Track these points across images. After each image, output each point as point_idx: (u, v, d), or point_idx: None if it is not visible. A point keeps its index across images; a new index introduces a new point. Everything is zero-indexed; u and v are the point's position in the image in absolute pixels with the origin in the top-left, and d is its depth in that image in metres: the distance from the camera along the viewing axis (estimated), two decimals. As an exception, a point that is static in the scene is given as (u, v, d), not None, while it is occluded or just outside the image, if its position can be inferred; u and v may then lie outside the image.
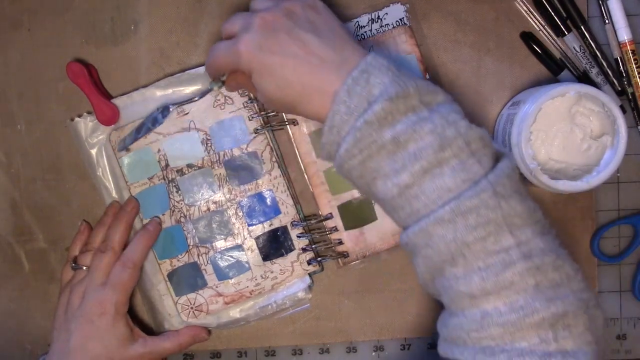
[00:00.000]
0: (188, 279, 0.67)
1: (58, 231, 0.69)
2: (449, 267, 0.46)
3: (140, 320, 0.69)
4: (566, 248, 0.63)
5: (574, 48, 0.66)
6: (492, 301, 0.44)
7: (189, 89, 0.66)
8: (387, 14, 0.65)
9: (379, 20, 0.65)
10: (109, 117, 0.65)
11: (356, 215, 0.66)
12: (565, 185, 0.60)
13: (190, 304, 0.67)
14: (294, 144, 0.66)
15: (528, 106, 0.60)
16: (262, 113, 0.65)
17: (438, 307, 0.68)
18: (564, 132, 0.60)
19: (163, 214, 0.66)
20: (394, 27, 0.65)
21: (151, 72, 0.68)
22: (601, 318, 0.46)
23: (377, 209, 0.66)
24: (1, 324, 0.70)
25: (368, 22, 0.65)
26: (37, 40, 0.68)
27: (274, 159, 0.66)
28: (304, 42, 0.50)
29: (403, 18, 0.66)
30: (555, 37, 0.67)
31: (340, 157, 0.49)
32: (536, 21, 0.67)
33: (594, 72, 0.66)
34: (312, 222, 0.67)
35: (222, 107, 0.65)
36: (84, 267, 0.64)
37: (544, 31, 0.67)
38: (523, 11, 0.67)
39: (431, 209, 0.46)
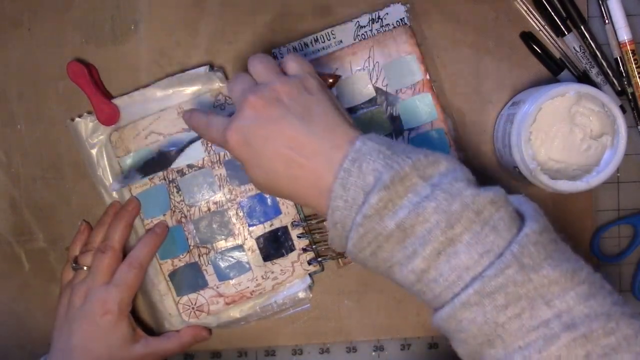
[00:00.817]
0: (189, 279, 0.67)
1: (58, 231, 0.69)
2: (488, 349, 0.42)
3: (140, 320, 0.69)
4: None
5: (574, 48, 0.66)
6: None
7: (189, 89, 0.65)
8: (387, 13, 0.65)
9: (380, 20, 0.65)
10: (110, 117, 0.65)
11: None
12: (565, 185, 0.60)
13: (192, 304, 0.67)
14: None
15: (528, 106, 0.60)
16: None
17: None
18: (563, 132, 0.60)
19: (164, 215, 0.66)
20: (394, 27, 0.65)
21: (151, 71, 0.68)
22: None
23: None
24: (1, 324, 0.70)
25: (368, 22, 0.65)
26: (37, 39, 0.68)
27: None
28: (293, 136, 0.48)
29: (404, 18, 0.66)
30: (555, 37, 0.67)
31: (350, 251, 0.47)
32: (536, 21, 0.67)
33: (594, 72, 0.66)
34: (312, 222, 0.67)
35: (223, 108, 0.65)
36: (85, 267, 0.64)
37: (544, 31, 0.67)
38: (523, 11, 0.67)
39: (453, 292, 0.43)
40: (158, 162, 0.66)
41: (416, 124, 0.65)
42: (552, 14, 0.66)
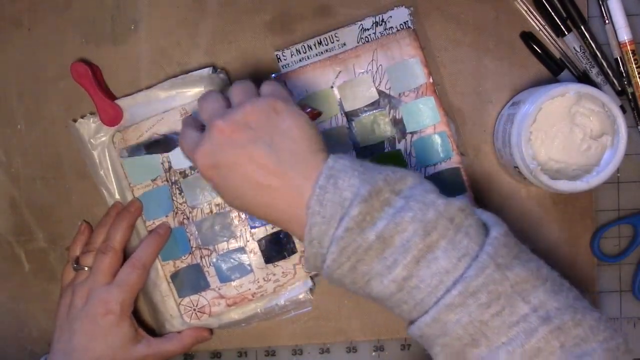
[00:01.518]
0: (191, 280, 0.66)
1: (58, 230, 0.69)
2: (471, 349, 0.45)
3: (141, 321, 0.69)
4: (566, 248, 0.63)
5: (574, 48, 0.66)
6: None
7: (192, 91, 0.65)
8: (391, 17, 0.65)
9: (383, 23, 0.65)
10: (113, 118, 0.65)
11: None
12: (565, 185, 0.60)
13: (193, 305, 0.66)
14: (297, 146, 0.66)
15: (528, 106, 0.60)
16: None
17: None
18: (564, 132, 0.61)
19: (166, 216, 0.66)
20: (398, 30, 0.65)
21: (151, 71, 0.68)
22: None
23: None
24: (1, 324, 0.70)
25: (372, 25, 0.65)
26: (37, 39, 0.68)
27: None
28: (261, 163, 0.49)
29: (407, 21, 0.65)
30: (555, 37, 0.67)
31: (328, 267, 0.48)
32: (536, 21, 0.67)
33: (594, 72, 0.66)
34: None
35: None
36: (86, 268, 0.64)
37: (544, 31, 0.67)
38: (523, 11, 0.67)
39: (436, 296, 0.45)
40: (162, 144, 0.66)
41: (419, 127, 0.65)
42: (552, 14, 0.66)
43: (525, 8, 0.67)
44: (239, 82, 0.55)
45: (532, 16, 0.67)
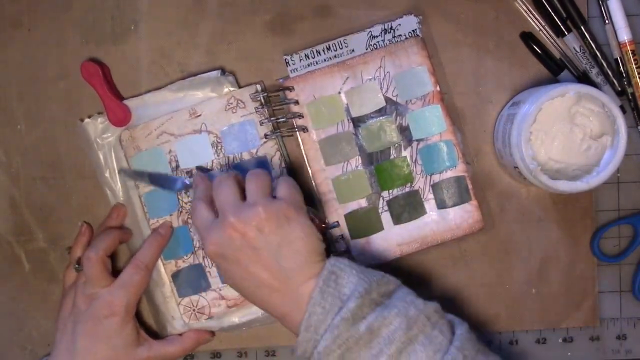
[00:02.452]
0: (192, 280, 0.66)
1: (58, 230, 0.69)
2: None
3: (142, 323, 0.68)
4: (566, 248, 0.64)
5: (574, 48, 0.66)
6: None
7: (200, 93, 0.66)
8: (400, 24, 0.65)
9: (392, 31, 0.65)
10: (121, 119, 0.65)
11: (363, 224, 0.66)
12: (565, 186, 0.60)
13: (193, 305, 0.66)
14: (303, 151, 0.66)
15: (528, 106, 0.60)
16: (273, 118, 0.65)
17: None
18: (563, 132, 0.61)
19: (170, 215, 0.66)
20: (406, 38, 0.65)
21: (152, 71, 0.68)
22: None
23: (384, 219, 0.66)
24: (1, 324, 0.70)
25: (381, 33, 0.65)
26: (37, 39, 0.68)
27: (282, 165, 0.66)
28: (266, 265, 0.54)
29: (416, 29, 0.66)
30: (555, 37, 0.67)
31: (318, 353, 0.52)
32: (536, 21, 0.67)
33: (594, 72, 0.66)
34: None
35: (234, 111, 0.65)
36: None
37: (544, 31, 0.67)
38: (523, 11, 0.67)
39: None
40: (167, 180, 0.66)
41: (425, 134, 0.65)
42: (552, 14, 0.66)
43: (525, 8, 0.67)
44: (255, 174, 0.58)
45: (532, 16, 0.67)
